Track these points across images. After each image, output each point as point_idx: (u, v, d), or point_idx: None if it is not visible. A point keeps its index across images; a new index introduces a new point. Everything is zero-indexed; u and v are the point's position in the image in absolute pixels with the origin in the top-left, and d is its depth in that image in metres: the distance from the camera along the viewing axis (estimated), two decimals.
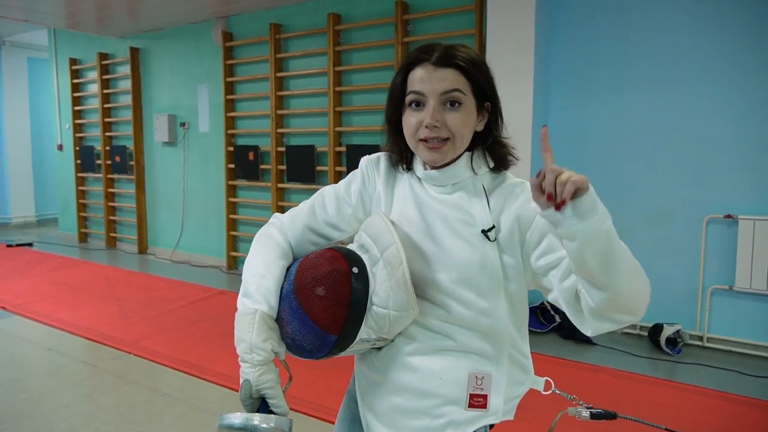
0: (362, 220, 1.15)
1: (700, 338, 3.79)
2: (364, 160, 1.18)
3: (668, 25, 3.81)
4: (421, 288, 1.04)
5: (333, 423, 2.63)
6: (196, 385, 3.23)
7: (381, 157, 1.17)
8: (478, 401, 1.04)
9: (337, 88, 5.24)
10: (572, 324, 3.44)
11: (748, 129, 3.61)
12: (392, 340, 1.08)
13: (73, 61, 7.69)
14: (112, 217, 7.52)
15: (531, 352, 1.19)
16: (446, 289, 1.03)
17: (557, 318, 4.06)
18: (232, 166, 6.10)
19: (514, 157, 1.12)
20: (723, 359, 3.60)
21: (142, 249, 7.22)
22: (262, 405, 1.01)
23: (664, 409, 2.92)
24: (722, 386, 3.19)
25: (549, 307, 4.10)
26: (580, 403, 1.22)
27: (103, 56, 7.28)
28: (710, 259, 3.76)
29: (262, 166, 5.87)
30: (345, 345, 1.02)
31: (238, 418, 0.97)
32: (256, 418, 0.97)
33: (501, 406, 1.07)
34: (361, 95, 5.21)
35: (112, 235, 7.55)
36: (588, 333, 1.00)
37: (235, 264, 6.26)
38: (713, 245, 3.74)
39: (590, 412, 1.20)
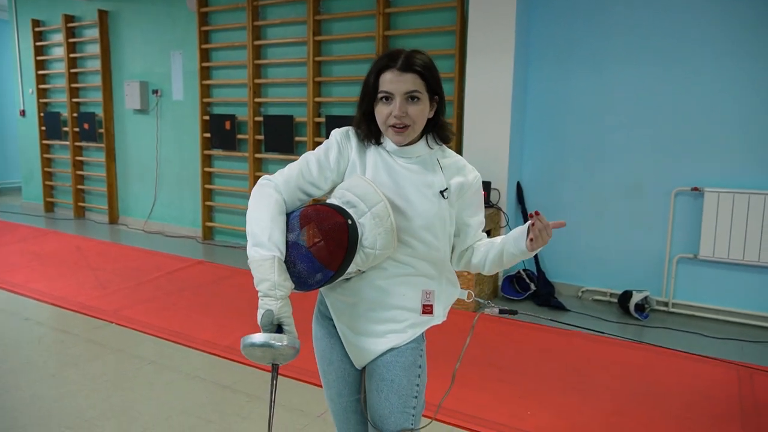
0: (336, 181, 1.44)
1: (666, 304, 4.01)
2: (336, 133, 1.47)
3: (643, 3, 3.90)
4: (396, 233, 1.38)
5: (309, 382, 2.71)
6: (183, 353, 3.26)
7: (350, 131, 1.47)
8: (427, 309, 1.47)
9: (317, 58, 5.19)
10: (547, 291, 3.84)
11: (716, 106, 3.77)
12: (363, 272, 1.42)
13: (36, 23, 7.35)
14: (80, 186, 7.34)
15: (508, 318, 1.69)
16: (414, 232, 1.40)
17: (532, 286, 4.21)
18: (208, 135, 6.01)
19: (452, 134, 1.51)
20: (687, 323, 3.83)
21: (113, 219, 7.09)
22: (277, 330, 1.26)
23: (632, 368, 3.10)
24: (686, 347, 3.40)
25: (524, 276, 4.25)
26: (493, 305, 1.69)
27: (68, 18, 6.98)
28: (677, 230, 3.95)
29: (239, 136, 5.81)
30: (337, 277, 1.34)
31: (259, 337, 1.23)
32: (273, 338, 1.23)
33: (441, 312, 1.51)
34: (342, 66, 5.18)
35: (81, 204, 7.38)
36: (453, 265, 1.55)
37: (211, 234, 6.22)
38: (680, 216, 3.94)
39: (499, 309, 1.68)
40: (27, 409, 2.60)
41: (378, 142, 1.45)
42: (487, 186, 4.18)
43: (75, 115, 7.14)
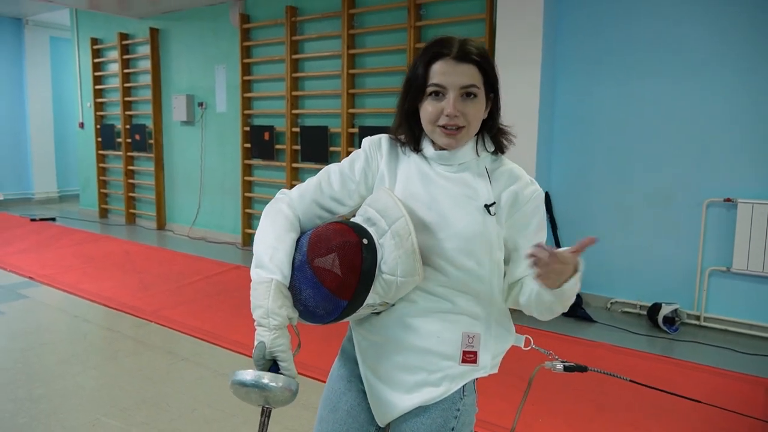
0: (364, 196, 1.24)
1: (698, 317, 3.92)
2: (367, 141, 1.27)
3: (672, 14, 3.87)
4: (426, 255, 1.14)
5: None
6: (213, 351, 3.43)
7: (382, 138, 1.27)
8: (469, 357, 1.18)
9: (351, 71, 5.36)
10: (574, 302, 3.67)
11: (748, 116, 3.68)
12: (392, 305, 1.18)
13: (95, 41, 7.88)
14: (131, 194, 7.76)
15: (532, 328, 1.36)
16: (448, 256, 1.14)
17: None
18: (248, 145, 6.28)
19: (511, 142, 1.25)
20: (719, 338, 3.73)
21: (161, 225, 7.46)
22: (272, 366, 1.09)
23: (654, 382, 3.05)
24: (716, 363, 3.32)
25: None
26: (556, 357, 1.39)
27: (123, 36, 7.45)
28: (709, 241, 3.86)
29: (277, 146, 6.03)
30: (353, 309, 1.12)
31: (249, 374, 1.06)
32: (266, 377, 1.05)
33: (489, 362, 1.22)
34: (374, 78, 5.32)
35: (132, 211, 7.80)
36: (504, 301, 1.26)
37: (250, 241, 6.46)
38: (712, 228, 3.85)
39: (564, 365, 1.37)
40: (70, 396, 2.82)
41: (418, 149, 1.22)
42: None
43: (128, 126, 7.58)
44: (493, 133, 1.22)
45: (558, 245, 4.36)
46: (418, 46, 4.92)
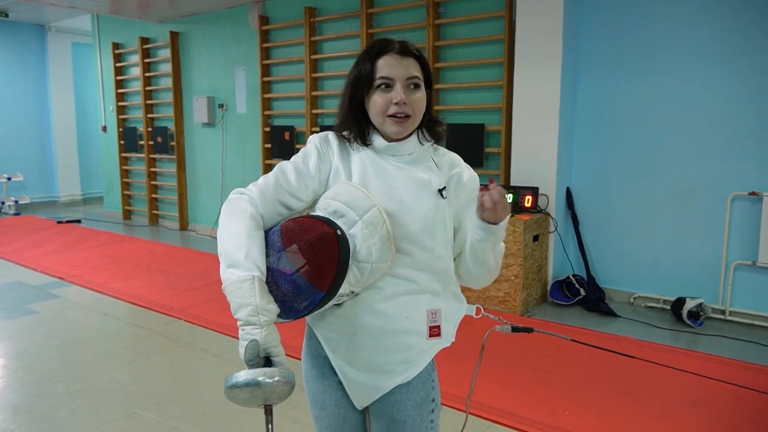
0: (317, 191, 1.27)
1: (723, 312, 3.90)
2: (315, 137, 1.31)
3: (693, 12, 3.86)
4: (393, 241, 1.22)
5: None
6: None
7: (329, 135, 1.32)
8: (435, 331, 1.28)
9: None
10: (597, 297, 3.78)
11: None
12: (356, 294, 1.23)
13: (116, 45, 8.02)
14: (154, 196, 7.89)
15: (556, 323, 1.46)
16: (413, 238, 1.23)
17: (582, 291, 4.20)
18: (269, 145, 6.36)
19: (445, 131, 1.36)
20: (745, 332, 3.71)
21: (183, 225, 7.58)
22: (265, 364, 1.07)
23: (680, 375, 3.07)
24: (742, 356, 3.31)
25: (574, 281, 4.24)
26: (504, 321, 1.54)
27: (144, 40, 7.58)
28: (734, 235, 3.85)
29: (298, 146, 6.10)
30: (327, 300, 1.15)
31: (242, 375, 1.02)
32: (261, 375, 1.03)
33: (450, 332, 1.32)
34: None
35: (155, 212, 7.93)
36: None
37: None
38: (737, 222, 3.83)
39: (512, 326, 1.53)
40: (106, 391, 2.91)
41: (365, 143, 1.30)
42: (534, 191, 4.23)
43: (150, 129, 7.71)
44: (429, 125, 1.32)
45: (580, 241, 4.37)
46: (437, 44, 4.95)
